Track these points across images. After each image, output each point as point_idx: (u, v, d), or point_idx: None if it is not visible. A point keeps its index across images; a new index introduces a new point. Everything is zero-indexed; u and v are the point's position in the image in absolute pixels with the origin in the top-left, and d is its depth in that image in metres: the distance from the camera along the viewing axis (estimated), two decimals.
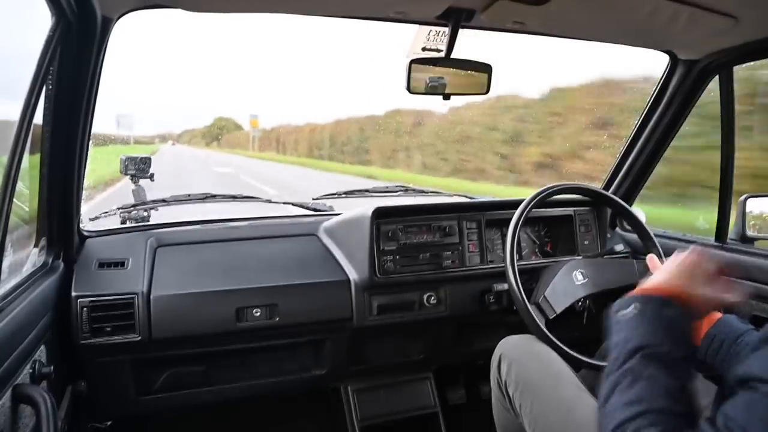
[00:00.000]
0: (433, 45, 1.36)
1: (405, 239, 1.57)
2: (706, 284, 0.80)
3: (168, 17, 1.12)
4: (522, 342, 1.30)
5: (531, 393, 1.16)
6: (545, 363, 1.21)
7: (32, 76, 0.99)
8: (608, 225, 1.81)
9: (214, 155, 22.81)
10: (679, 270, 0.81)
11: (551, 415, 1.11)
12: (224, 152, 25.59)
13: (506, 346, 1.29)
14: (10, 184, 0.97)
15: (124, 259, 1.42)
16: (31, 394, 0.94)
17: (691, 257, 0.82)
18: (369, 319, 1.53)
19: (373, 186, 1.94)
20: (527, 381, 1.18)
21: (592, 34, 1.43)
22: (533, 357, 1.23)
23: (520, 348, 1.27)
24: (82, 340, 1.29)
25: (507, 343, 1.30)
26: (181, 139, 28.14)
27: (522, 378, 1.19)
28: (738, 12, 1.16)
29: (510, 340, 1.31)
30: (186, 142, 28.21)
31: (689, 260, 0.82)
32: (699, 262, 0.82)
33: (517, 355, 1.24)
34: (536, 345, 1.28)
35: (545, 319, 1.32)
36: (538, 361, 1.22)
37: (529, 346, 1.27)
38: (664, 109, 1.69)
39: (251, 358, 1.55)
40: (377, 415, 1.70)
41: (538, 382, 1.17)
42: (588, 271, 1.39)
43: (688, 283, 0.79)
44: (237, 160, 20.48)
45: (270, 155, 23.35)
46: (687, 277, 0.79)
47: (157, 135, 23.82)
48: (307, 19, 1.31)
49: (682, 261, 0.82)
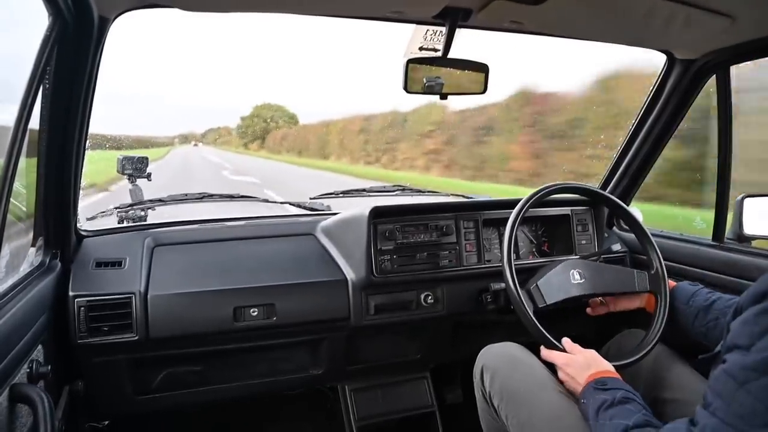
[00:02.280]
0: (430, 45, 1.35)
1: (402, 239, 1.57)
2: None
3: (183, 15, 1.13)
4: (503, 350, 1.29)
5: (515, 403, 1.16)
6: (528, 371, 1.21)
7: (29, 76, 0.99)
8: (605, 224, 1.82)
9: (252, 162, 18.61)
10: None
11: (537, 423, 1.11)
12: (274, 157, 21.54)
13: (487, 356, 1.29)
14: (6, 184, 0.97)
15: (121, 259, 1.42)
16: (29, 394, 0.94)
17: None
18: (366, 319, 1.53)
19: (370, 185, 1.94)
20: (511, 391, 1.18)
21: (589, 34, 1.43)
22: (515, 365, 1.23)
23: (501, 357, 1.27)
24: (80, 340, 1.29)
25: (488, 353, 1.30)
26: (205, 139, 25.23)
27: (506, 388, 1.19)
28: (735, 12, 1.16)
29: (490, 349, 1.31)
30: (211, 142, 25.21)
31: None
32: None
33: (498, 365, 1.24)
34: (517, 352, 1.28)
35: (534, 306, 1.31)
36: (520, 370, 1.22)
37: (510, 355, 1.27)
38: (661, 109, 1.69)
39: (248, 358, 1.55)
40: (374, 415, 1.70)
41: (522, 392, 1.17)
42: (586, 272, 1.39)
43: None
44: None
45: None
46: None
47: (178, 135, 21.91)
48: (305, 18, 1.31)
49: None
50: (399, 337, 1.68)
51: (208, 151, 23.41)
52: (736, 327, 0.76)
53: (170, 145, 18.02)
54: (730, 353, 0.75)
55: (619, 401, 0.94)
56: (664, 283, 1.35)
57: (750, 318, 0.74)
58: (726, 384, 0.73)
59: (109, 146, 4.86)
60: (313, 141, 23.34)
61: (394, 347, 1.69)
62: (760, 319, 0.73)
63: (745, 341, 0.73)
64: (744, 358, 0.72)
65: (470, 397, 1.95)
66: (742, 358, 0.72)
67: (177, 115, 40.06)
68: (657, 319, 1.32)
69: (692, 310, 1.25)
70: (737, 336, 0.75)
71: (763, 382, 0.70)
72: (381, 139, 17.13)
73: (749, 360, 0.72)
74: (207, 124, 31.60)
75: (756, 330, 0.72)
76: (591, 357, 1.13)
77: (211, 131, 27.60)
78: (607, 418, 0.93)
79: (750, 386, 0.70)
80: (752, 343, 0.72)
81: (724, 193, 1.56)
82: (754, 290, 0.76)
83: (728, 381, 0.73)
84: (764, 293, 0.74)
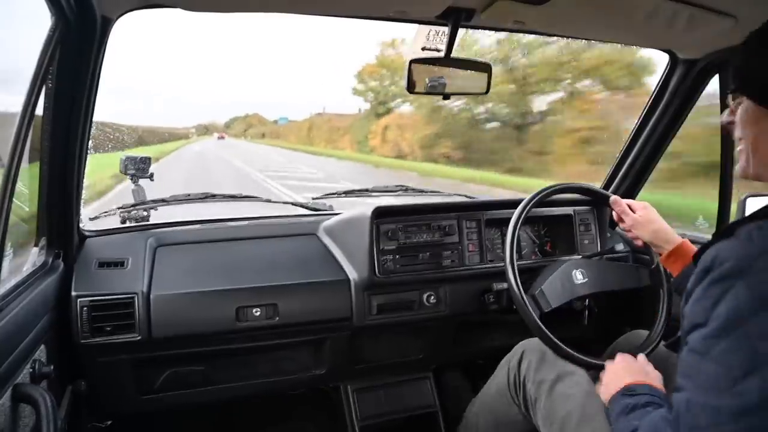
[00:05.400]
0: (432, 45, 1.36)
1: (405, 239, 1.57)
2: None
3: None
4: (542, 345, 1.32)
5: (551, 396, 1.19)
6: (561, 363, 1.24)
7: (32, 76, 1.00)
8: (608, 224, 1.81)
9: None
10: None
11: (567, 421, 1.13)
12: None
13: (529, 345, 1.32)
14: (9, 184, 0.97)
15: (124, 259, 1.42)
16: (31, 394, 0.94)
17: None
18: (369, 319, 1.53)
19: (373, 185, 1.94)
20: (545, 377, 1.21)
21: (592, 34, 1.43)
22: (553, 357, 1.26)
23: (542, 348, 1.29)
24: (82, 340, 1.29)
25: (531, 343, 1.32)
26: (230, 130, 18.41)
27: (541, 374, 1.22)
28: (738, 12, 1.16)
29: (533, 341, 1.33)
30: (238, 134, 17.96)
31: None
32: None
33: (542, 354, 1.27)
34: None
35: (539, 311, 1.32)
36: (556, 361, 1.25)
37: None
38: (664, 109, 1.69)
39: (251, 358, 1.55)
40: (377, 415, 1.70)
41: (555, 378, 1.20)
42: (588, 272, 1.39)
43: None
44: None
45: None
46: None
47: (195, 126, 15.77)
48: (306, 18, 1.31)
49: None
50: (401, 337, 1.68)
51: (249, 149, 15.54)
52: (690, 309, 0.77)
53: (185, 138, 13.37)
54: (690, 335, 0.76)
55: (642, 405, 0.94)
56: (665, 277, 1.36)
57: (700, 294, 0.75)
58: (691, 361, 0.75)
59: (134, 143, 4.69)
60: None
61: (397, 347, 1.69)
62: (708, 292, 0.73)
63: (701, 318, 0.74)
64: (703, 331, 0.73)
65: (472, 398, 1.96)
66: (702, 332, 0.73)
67: (194, 104, 37.73)
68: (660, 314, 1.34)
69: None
70: (694, 316, 0.76)
71: (723, 346, 0.70)
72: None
73: (707, 330, 0.72)
74: (227, 114, 26.88)
75: (708, 303, 0.73)
76: (630, 366, 1.12)
77: (237, 120, 21.64)
78: (626, 421, 0.93)
79: (712, 354, 0.71)
80: (707, 316, 0.73)
81: (727, 192, 1.55)
82: (698, 271, 0.77)
83: (692, 357, 0.74)
84: (706, 269, 0.74)
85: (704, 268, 0.75)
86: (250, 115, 21.65)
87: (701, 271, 0.75)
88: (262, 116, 22.43)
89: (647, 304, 1.44)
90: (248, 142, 16.71)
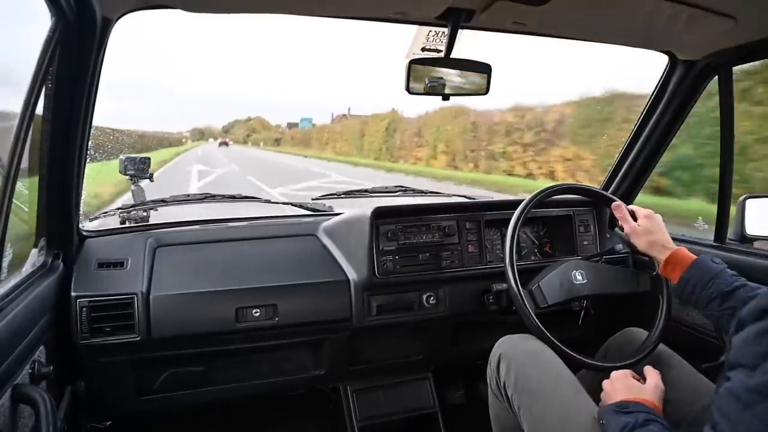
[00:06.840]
0: (432, 45, 1.36)
1: (404, 239, 1.57)
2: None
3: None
4: (520, 341, 1.28)
5: (530, 394, 1.16)
6: (545, 363, 1.21)
7: (32, 77, 0.99)
8: (607, 225, 1.81)
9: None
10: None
11: (549, 418, 1.11)
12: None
13: (505, 346, 1.28)
14: (9, 184, 0.97)
15: (124, 259, 1.42)
16: (31, 394, 0.94)
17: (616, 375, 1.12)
18: (368, 320, 1.53)
19: (372, 186, 1.94)
20: (526, 382, 1.18)
21: (591, 35, 1.43)
22: (532, 356, 1.23)
23: (518, 347, 1.26)
24: (82, 340, 1.29)
25: (506, 343, 1.29)
26: (230, 135, 16.10)
27: (521, 379, 1.19)
28: (737, 13, 1.16)
29: (509, 339, 1.30)
30: (239, 139, 15.23)
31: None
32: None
33: (515, 355, 1.23)
34: (535, 343, 1.27)
35: (535, 307, 1.32)
36: (537, 362, 1.21)
37: (528, 345, 1.26)
38: (664, 110, 1.69)
39: (250, 358, 1.55)
40: (376, 416, 1.70)
41: (538, 384, 1.17)
42: (588, 273, 1.39)
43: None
44: None
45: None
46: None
47: (191, 130, 14.25)
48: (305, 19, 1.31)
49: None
50: (401, 338, 1.68)
51: (271, 160, 12.81)
52: (738, 344, 0.75)
53: (181, 145, 11.75)
54: (733, 371, 0.74)
55: (641, 423, 0.93)
56: (665, 284, 1.36)
57: (752, 337, 0.73)
58: (731, 405, 0.72)
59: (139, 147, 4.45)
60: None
61: (396, 348, 1.69)
62: (763, 339, 0.71)
63: (749, 361, 0.72)
64: (748, 380, 0.71)
65: (472, 398, 1.96)
66: (747, 380, 0.71)
67: (188, 107, 36.06)
68: (659, 320, 1.33)
69: (710, 293, 1.13)
70: (740, 354, 0.74)
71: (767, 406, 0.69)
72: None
73: (754, 382, 0.70)
74: (224, 117, 24.79)
75: (760, 350, 0.71)
76: (633, 385, 1.09)
77: (238, 124, 19.57)
78: None
79: (755, 409, 0.69)
80: (756, 364, 0.71)
81: (726, 193, 1.56)
82: (756, 306, 0.75)
83: (733, 402, 0.72)
84: (765, 310, 0.72)
85: (764, 308, 0.73)
86: (253, 119, 20.19)
87: (761, 309, 0.73)
88: (265, 119, 21.17)
89: (644, 307, 1.44)
90: (261, 149, 13.74)
